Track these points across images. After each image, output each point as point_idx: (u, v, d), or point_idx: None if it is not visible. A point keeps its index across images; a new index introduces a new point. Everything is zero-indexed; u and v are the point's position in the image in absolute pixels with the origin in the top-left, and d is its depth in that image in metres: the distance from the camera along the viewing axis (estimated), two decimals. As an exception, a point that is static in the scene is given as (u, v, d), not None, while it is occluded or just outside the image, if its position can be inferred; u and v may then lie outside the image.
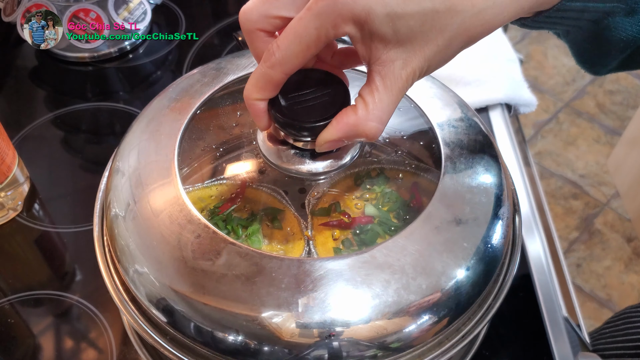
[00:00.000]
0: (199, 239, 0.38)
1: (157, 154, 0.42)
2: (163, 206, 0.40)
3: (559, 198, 1.62)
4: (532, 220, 0.64)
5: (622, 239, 1.53)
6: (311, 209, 0.43)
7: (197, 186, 0.44)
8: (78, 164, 0.68)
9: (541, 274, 0.59)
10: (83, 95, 0.74)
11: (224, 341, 0.37)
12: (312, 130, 0.38)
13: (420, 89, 0.47)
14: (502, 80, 0.72)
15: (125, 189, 0.42)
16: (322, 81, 0.39)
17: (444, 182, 0.41)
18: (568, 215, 1.59)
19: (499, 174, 0.44)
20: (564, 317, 0.57)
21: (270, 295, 0.36)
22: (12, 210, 0.61)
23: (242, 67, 0.48)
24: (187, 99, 0.46)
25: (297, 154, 0.41)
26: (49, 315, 0.55)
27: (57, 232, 0.61)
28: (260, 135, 0.43)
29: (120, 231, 0.41)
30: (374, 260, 0.37)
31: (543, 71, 1.91)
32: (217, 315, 0.37)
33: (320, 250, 0.42)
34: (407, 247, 0.37)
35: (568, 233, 1.55)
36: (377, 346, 0.37)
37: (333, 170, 0.41)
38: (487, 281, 0.40)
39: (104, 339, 0.53)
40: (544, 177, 1.66)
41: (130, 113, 0.72)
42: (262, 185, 0.44)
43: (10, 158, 0.59)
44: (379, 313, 0.36)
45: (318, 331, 0.36)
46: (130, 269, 0.40)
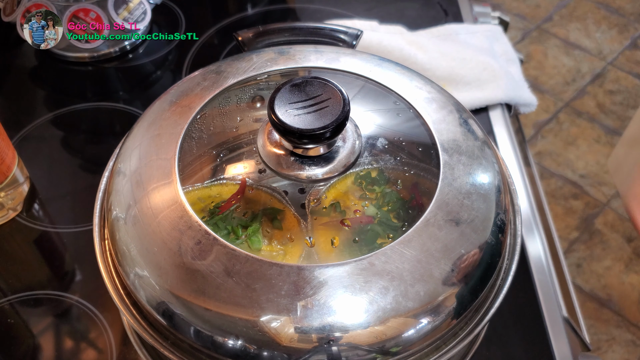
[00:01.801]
0: (200, 245, 0.38)
1: (158, 158, 0.43)
2: (164, 211, 0.40)
3: (559, 198, 1.62)
4: (532, 220, 0.64)
5: (622, 239, 1.53)
6: (311, 209, 0.43)
7: (197, 186, 0.44)
8: (78, 164, 0.68)
9: (541, 274, 0.59)
10: (83, 95, 0.74)
11: (223, 346, 0.37)
12: (312, 137, 0.39)
13: (417, 92, 0.47)
14: (502, 80, 0.72)
15: (126, 192, 0.42)
16: (321, 90, 0.40)
17: (441, 189, 0.41)
18: (568, 215, 1.59)
19: (497, 178, 0.44)
20: (564, 317, 0.57)
21: (270, 301, 0.36)
22: (12, 210, 0.61)
23: (242, 71, 0.48)
24: (187, 102, 0.46)
25: (296, 160, 0.42)
26: (48, 315, 0.55)
27: (57, 232, 0.61)
28: (260, 141, 0.43)
29: (121, 235, 0.41)
30: (373, 267, 0.37)
31: (543, 71, 1.91)
32: (218, 320, 0.37)
33: (320, 250, 0.42)
34: (405, 254, 0.38)
35: (568, 233, 1.55)
36: (376, 351, 0.37)
37: (332, 177, 0.42)
38: (484, 286, 0.41)
39: (103, 339, 0.53)
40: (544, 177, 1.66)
41: (130, 113, 0.72)
42: (262, 186, 0.44)
43: (10, 158, 0.59)
44: (378, 319, 0.36)
45: (317, 336, 0.36)
46: (130, 272, 0.40)
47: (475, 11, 0.86)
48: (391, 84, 0.48)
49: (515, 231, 0.45)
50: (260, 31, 0.54)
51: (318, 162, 0.42)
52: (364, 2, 0.86)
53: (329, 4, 0.85)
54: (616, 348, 1.34)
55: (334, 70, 0.49)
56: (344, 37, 0.55)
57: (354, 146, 0.43)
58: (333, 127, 0.39)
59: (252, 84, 0.49)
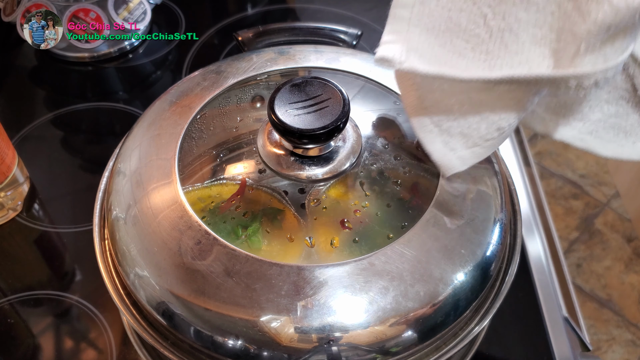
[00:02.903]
0: (200, 245, 0.38)
1: (158, 158, 0.43)
2: (164, 211, 0.40)
3: (559, 198, 1.62)
4: (532, 220, 0.64)
5: (622, 239, 1.53)
6: (311, 209, 0.43)
7: (197, 186, 0.44)
8: (78, 164, 0.68)
9: (541, 274, 0.59)
10: (83, 95, 0.74)
11: (223, 346, 0.37)
12: (312, 137, 0.39)
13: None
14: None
15: (126, 192, 0.42)
16: (321, 90, 0.41)
17: (441, 189, 0.41)
18: (568, 215, 1.59)
19: (497, 178, 0.44)
20: (564, 317, 0.57)
21: (270, 301, 0.36)
22: (12, 210, 0.61)
23: (242, 71, 0.48)
24: (187, 102, 0.46)
25: (296, 160, 0.42)
26: (48, 315, 0.55)
27: (57, 232, 0.61)
28: (260, 141, 0.43)
29: (121, 235, 0.41)
30: (373, 267, 0.37)
31: (543, 71, 1.91)
32: (218, 320, 0.37)
33: (320, 250, 0.42)
34: (405, 254, 0.38)
35: (568, 233, 1.55)
36: (375, 351, 0.37)
37: (332, 177, 0.42)
38: (484, 286, 0.41)
39: (103, 339, 0.53)
40: (544, 177, 1.66)
41: (130, 113, 0.72)
42: (262, 186, 0.44)
43: (10, 158, 0.59)
44: (378, 319, 0.36)
45: (317, 336, 0.36)
46: (130, 272, 0.40)
47: (475, 11, 0.86)
48: (391, 84, 0.48)
49: (515, 231, 0.45)
50: (260, 31, 0.54)
51: (318, 162, 0.42)
52: (364, 2, 0.86)
53: (329, 4, 0.85)
54: (616, 348, 1.34)
55: (334, 70, 0.49)
56: (344, 37, 0.55)
57: (354, 146, 0.43)
58: (333, 127, 0.39)
59: (252, 84, 0.49)
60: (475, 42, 0.36)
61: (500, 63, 0.36)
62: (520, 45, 0.36)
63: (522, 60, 0.36)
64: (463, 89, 0.37)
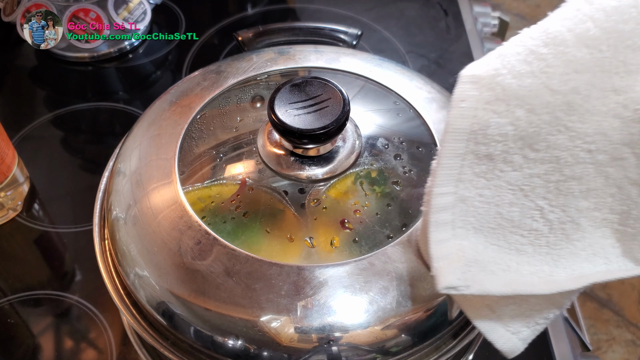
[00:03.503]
0: (200, 245, 0.38)
1: (158, 158, 0.43)
2: (164, 211, 0.40)
3: (559, 198, 1.62)
4: (532, 220, 0.63)
5: (622, 239, 1.53)
6: (311, 209, 0.43)
7: (197, 186, 0.44)
8: (78, 164, 0.68)
9: (541, 274, 0.59)
10: (83, 95, 0.74)
11: (223, 346, 0.37)
12: (312, 137, 0.39)
13: (417, 92, 0.47)
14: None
15: (126, 192, 0.42)
16: (321, 90, 0.41)
17: None
18: (568, 215, 1.59)
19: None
20: (564, 317, 0.57)
21: (270, 301, 0.36)
22: (12, 210, 0.61)
23: (242, 71, 0.48)
24: (187, 102, 0.46)
25: (296, 160, 0.42)
26: (48, 315, 0.55)
27: (57, 232, 0.61)
28: (260, 141, 0.43)
29: (121, 235, 0.41)
30: (373, 267, 0.37)
31: (543, 71, 1.91)
32: (218, 320, 0.37)
33: (320, 250, 0.42)
34: (405, 254, 0.38)
35: (568, 233, 1.55)
36: (375, 351, 0.37)
37: (332, 177, 0.42)
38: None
39: (103, 339, 0.53)
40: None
41: (130, 113, 0.72)
42: (262, 186, 0.44)
43: (10, 158, 0.59)
44: (378, 319, 0.36)
45: (317, 336, 0.36)
46: (130, 272, 0.40)
47: (476, 11, 0.86)
48: (391, 84, 0.48)
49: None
50: (260, 31, 0.54)
51: (318, 162, 0.42)
52: (364, 2, 0.86)
53: (329, 4, 0.85)
54: (616, 348, 1.34)
55: (334, 70, 0.49)
56: (344, 37, 0.55)
57: (354, 146, 0.43)
58: (333, 127, 0.39)
59: (252, 84, 0.49)
60: (535, 237, 0.34)
61: (565, 254, 0.34)
62: (581, 233, 0.34)
63: (585, 246, 0.34)
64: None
